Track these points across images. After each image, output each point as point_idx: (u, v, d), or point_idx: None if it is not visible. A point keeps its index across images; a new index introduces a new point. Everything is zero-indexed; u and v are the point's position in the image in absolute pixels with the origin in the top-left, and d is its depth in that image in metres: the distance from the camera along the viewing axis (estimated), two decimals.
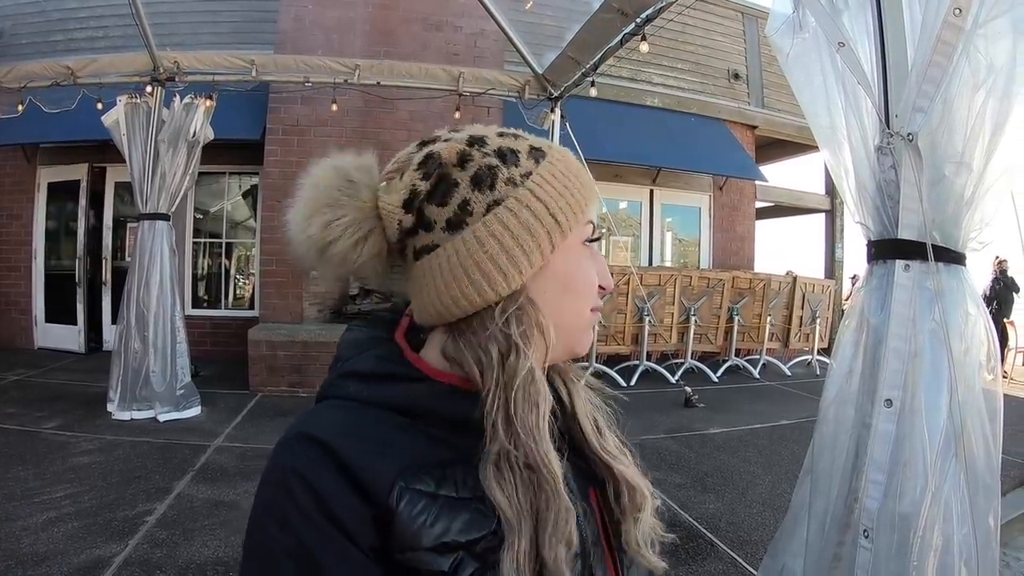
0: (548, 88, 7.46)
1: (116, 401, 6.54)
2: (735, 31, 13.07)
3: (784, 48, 2.56)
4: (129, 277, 6.77)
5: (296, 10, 9.55)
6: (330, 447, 0.71)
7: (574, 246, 0.84)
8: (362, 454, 0.72)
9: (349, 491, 0.69)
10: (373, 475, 0.71)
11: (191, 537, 3.94)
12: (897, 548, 2.04)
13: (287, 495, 0.69)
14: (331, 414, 0.80)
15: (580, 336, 0.87)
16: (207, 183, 10.60)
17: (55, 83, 6.94)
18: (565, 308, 0.83)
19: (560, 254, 0.82)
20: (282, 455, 0.73)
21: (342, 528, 0.68)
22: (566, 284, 0.83)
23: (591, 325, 0.88)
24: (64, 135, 9.21)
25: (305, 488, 0.69)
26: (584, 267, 0.85)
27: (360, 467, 0.71)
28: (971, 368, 2.08)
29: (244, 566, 0.72)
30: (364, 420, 0.77)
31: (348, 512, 0.69)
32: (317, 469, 0.70)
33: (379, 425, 0.76)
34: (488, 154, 0.81)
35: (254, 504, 0.73)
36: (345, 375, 0.84)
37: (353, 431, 0.75)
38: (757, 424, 7.21)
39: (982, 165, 2.03)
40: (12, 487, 4.54)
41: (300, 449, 0.73)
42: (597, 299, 0.88)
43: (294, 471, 0.71)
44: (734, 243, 12.89)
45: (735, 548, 4.07)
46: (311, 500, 0.68)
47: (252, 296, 10.90)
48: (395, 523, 0.70)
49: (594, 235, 0.87)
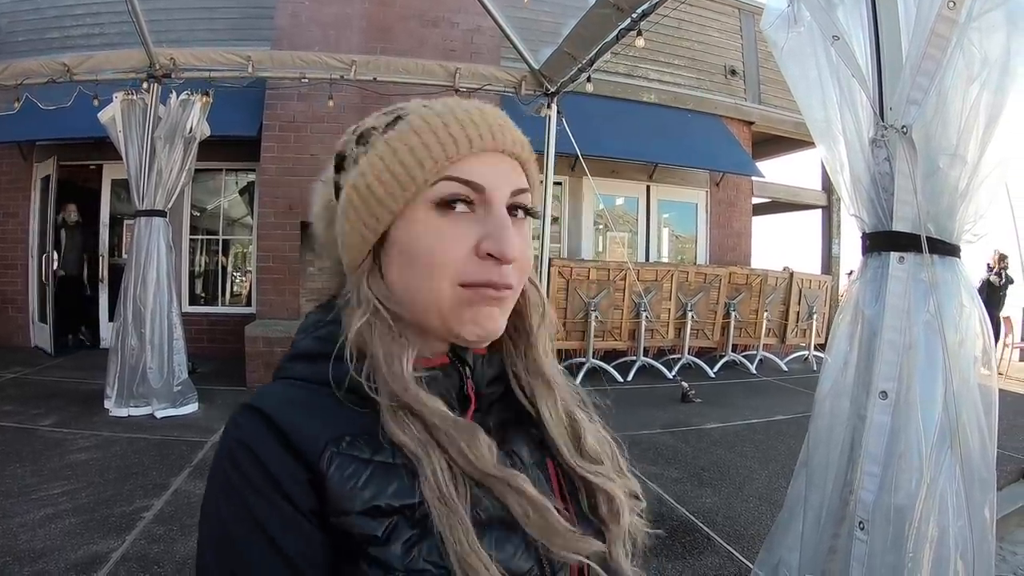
0: (544, 84, 7.45)
1: (113, 398, 6.53)
2: (731, 27, 13.09)
3: (779, 42, 2.57)
4: (126, 274, 6.77)
5: (293, 6, 9.54)
6: (268, 416, 0.73)
7: (419, 213, 0.78)
8: (296, 420, 0.73)
9: (285, 455, 0.71)
10: (305, 439, 0.72)
11: (188, 533, 3.94)
12: (892, 540, 2.06)
13: (232, 465, 0.72)
14: (274, 389, 0.81)
15: (452, 316, 0.77)
16: (204, 180, 10.61)
17: (51, 80, 6.92)
18: (412, 284, 0.78)
19: (401, 223, 0.78)
20: (228, 429, 0.75)
21: (282, 492, 0.69)
22: (407, 257, 0.78)
23: (468, 302, 0.77)
24: (60, 132, 9.19)
25: (248, 454, 0.71)
26: (426, 237, 0.76)
27: (294, 432, 0.72)
28: (966, 360, 2.10)
29: (200, 535, 0.74)
30: (303, 393, 0.78)
31: (287, 475, 0.70)
32: (258, 436, 0.72)
33: (318, 397, 0.77)
34: (373, 126, 0.84)
35: (209, 479, 0.75)
36: (292, 357, 0.86)
37: (291, 402, 0.77)
38: (754, 419, 7.22)
39: (976, 157, 2.03)
40: (9, 484, 4.53)
41: (243, 420, 0.75)
42: (473, 271, 0.76)
43: (239, 441, 0.73)
44: (731, 239, 12.92)
45: (731, 542, 4.07)
46: (254, 466, 0.70)
47: (249, 293, 10.91)
48: (326, 486, 0.70)
49: (456, 193, 0.77)
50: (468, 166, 0.78)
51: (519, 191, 0.81)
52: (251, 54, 7.23)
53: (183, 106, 6.83)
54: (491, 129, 0.80)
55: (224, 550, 0.70)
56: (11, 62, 7.16)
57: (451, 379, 0.82)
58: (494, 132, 0.80)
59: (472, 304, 0.77)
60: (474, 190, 0.77)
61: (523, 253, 0.79)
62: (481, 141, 0.78)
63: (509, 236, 0.76)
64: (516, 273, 0.79)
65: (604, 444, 0.92)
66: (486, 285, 0.76)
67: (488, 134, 0.79)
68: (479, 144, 0.78)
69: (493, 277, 0.76)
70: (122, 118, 6.71)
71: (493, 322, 0.78)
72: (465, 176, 0.77)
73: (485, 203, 0.78)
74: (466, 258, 0.76)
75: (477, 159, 0.78)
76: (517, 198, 0.80)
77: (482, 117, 0.81)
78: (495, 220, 0.77)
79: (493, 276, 0.76)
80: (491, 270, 0.76)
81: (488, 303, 0.77)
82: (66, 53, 7.51)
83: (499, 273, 0.76)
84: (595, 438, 0.90)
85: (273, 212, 9.37)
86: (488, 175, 0.78)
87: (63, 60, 6.93)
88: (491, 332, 0.79)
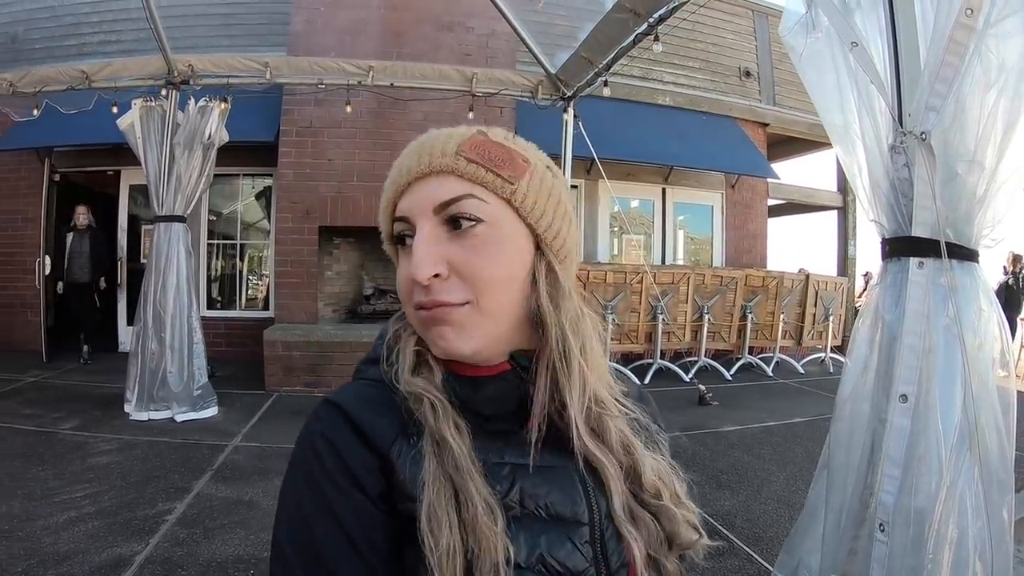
0: (561, 88, 7.48)
1: (133, 402, 6.60)
2: (746, 29, 13.06)
3: (797, 48, 2.58)
4: (146, 279, 6.83)
5: (308, 12, 9.59)
6: (343, 408, 0.81)
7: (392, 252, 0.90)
8: (368, 414, 0.81)
9: (360, 445, 0.78)
10: (377, 432, 0.80)
11: (211, 536, 3.98)
12: (912, 542, 2.06)
13: (314, 454, 0.78)
14: (349, 387, 0.88)
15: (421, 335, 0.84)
16: (220, 184, 10.61)
17: (70, 87, 7.00)
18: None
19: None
20: (310, 422, 0.82)
21: (356, 480, 0.77)
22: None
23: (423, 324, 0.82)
24: (78, 138, 9.28)
25: (327, 446, 0.78)
26: (398, 272, 0.86)
27: (366, 425, 0.80)
28: (984, 364, 2.10)
29: (278, 513, 0.80)
30: (373, 391, 0.85)
31: (360, 464, 0.77)
32: (336, 428, 0.80)
33: (387, 396, 0.83)
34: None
35: (289, 466, 0.81)
36: (366, 360, 0.93)
37: (364, 399, 0.84)
38: (771, 422, 7.21)
39: (994, 163, 2.04)
40: (32, 487, 4.59)
41: (323, 414, 0.82)
42: (416, 295, 0.80)
43: (320, 433, 0.80)
44: (747, 241, 12.88)
45: (751, 544, 4.08)
46: (332, 456, 0.77)
47: (265, 297, 10.97)
48: (395, 474, 0.78)
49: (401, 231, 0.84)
50: (401, 203, 0.84)
51: (444, 204, 0.80)
52: (269, 60, 7.30)
53: (201, 112, 6.90)
54: (408, 160, 0.85)
55: (298, 530, 0.76)
56: (30, 69, 7.27)
57: (509, 384, 0.85)
58: (409, 162, 0.84)
59: (426, 325, 0.82)
60: (406, 223, 0.83)
61: (463, 266, 0.80)
62: (401, 178, 0.85)
63: (415, 259, 0.78)
64: (454, 288, 0.80)
65: (663, 472, 0.91)
66: (418, 306, 0.81)
67: (405, 167, 0.84)
68: (401, 182, 0.85)
69: (420, 297, 0.80)
70: (141, 125, 6.79)
71: (443, 341, 0.81)
72: (398, 214, 0.84)
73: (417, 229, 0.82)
74: (411, 285, 0.80)
75: (407, 194, 0.84)
76: (446, 211, 0.81)
77: (408, 151, 0.87)
78: (413, 248, 0.81)
79: (420, 296, 0.80)
80: (419, 292, 0.80)
81: (435, 323, 0.80)
82: (84, 60, 7.61)
83: (424, 292, 0.79)
84: (653, 468, 0.90)
85: (291, 217, 9.42)
86: (410, 202, 0.83)
87: (81, 67, 7.03)
88: (446, 350, 0.81)
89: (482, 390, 0.84)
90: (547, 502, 0.80)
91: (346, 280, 10.35)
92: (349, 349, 8.19)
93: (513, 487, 0.79)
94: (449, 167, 0.82)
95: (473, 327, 0.81)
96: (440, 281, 0.78)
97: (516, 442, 0.83)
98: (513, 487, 0.79)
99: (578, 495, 0.83)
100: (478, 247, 0.80)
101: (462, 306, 0.79)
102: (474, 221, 0.80)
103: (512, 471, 0.81)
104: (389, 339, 0.88)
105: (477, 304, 0.80)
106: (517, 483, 0.80)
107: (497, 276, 0.81)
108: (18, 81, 7.04)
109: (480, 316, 0.81)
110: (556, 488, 0.82)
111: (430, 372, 0.83)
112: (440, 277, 0.78)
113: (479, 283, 0.80)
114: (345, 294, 10.30)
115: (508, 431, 0.84)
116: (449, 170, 0.82)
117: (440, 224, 0.81)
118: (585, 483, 0.84)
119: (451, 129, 0.88)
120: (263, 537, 3.97)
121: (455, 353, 0.81)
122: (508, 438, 0.83)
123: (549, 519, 0.80)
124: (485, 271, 0.80)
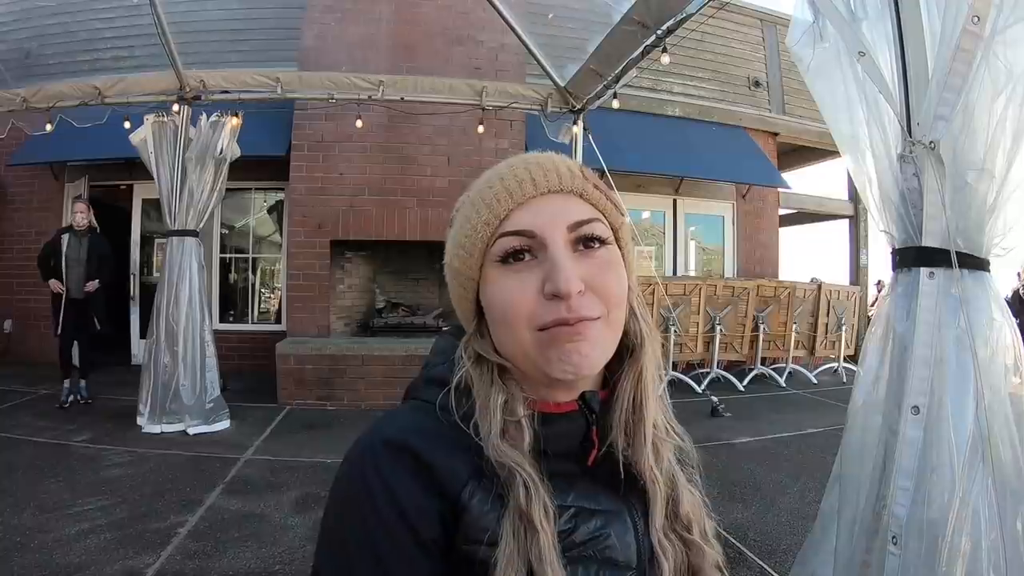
0: (570, 101, 7.48)
1: (146, 415, 6.62)
2: (754, 38, 13.06)
3: (805, 58, 2.58)
4: (159, 293, 6.87)
5: (319, 27, 9.65)
6: (408, 446, 0.78)
7: (489, 272, 0.84)
8: (438, 454, 0.78)
9: (421, 490, 0.76)
10: (449, 473, 0.77)
11: (223, 549, 3.99)
12: (925, 554, 2.05)
13: (367, 494, 0.76)
14: (413, 416, 0.86)
15: (541, 359, 0.79)
16: (233, 199, 10.69)
17: (83, 103, 7.07)
18: (502, 338, 0.83)
19: (482, 286, 0.85)
20: (366, 458, 0.79)
21: (410, 525, 0.75)
22: (492, 314, 0.83)
23: (549, 343, 0.78)
24: (92, 153, 9.37)
25: (383, 488, 0.76)
26: (499, 292, 0.82)
27: (436, 466, 0.77)
28: (997, 374, 2.09)
29: (320, 541, 0.80)
30: (432, 422, 0.82)
31: (417, 510, 0.75)
32: (394, 465, 0.77)
33: (454, 429, 0.81)
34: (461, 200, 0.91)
35: (335, 494, 0.81)
36: (429, 380, 0.90)
37: (427, 433, 0.81)
38: (784, 433, 7.16)
39: (1004, 171, 2.03)
40: (44, 499, 4.61)
41: (383, 452, 0.79)
42: (544, 314, 0.78)
43: (374, 467, 0.78)
44: (758, 251, 12.84)
45: (764, 557, 4.05)
46: (387, 502, 0.75)
47: (278, 310, 11.01)
48: (464, 517, 0.76)
49: (520, 245, 0.81)
50: (518, 217, 0.82)
51: (578, 223, 0.82)
52: (280, 75, 7.34)
53: (213, 127, 6.95)
54: (531, 175, 0.83)
55: (339, 566, 0.77)
56: (43, 85, 7.34)
57: (575, 424, 0.85)
58: (535, 176, 0.83)
59: (553, 343, 0.78)
60: (528, 238, 0.81)
61: (597, 282, 0.80)
62: (521, 191, 0.82)
63: (562, 272, 0.77)
64: (593, 303, 0.79)
65: (696, 508, 0.94)
66: (557, 323, 0.77)
67: (528, 181, 0.83)
68: (519, 194, 0.82)
69: (562, 314, 0.77)
70: (153, 140, 6.86)
71: (578, 355, 0.78)
72: (514, 228, 0.81)
73: (542, 247, 0.80)
74: (536, 303, 0.78)
75: (527, 208, 0.82)
76: (579, 231, 0.82)
77: (524, 166, 0.85)
78: (550, 260, 0.79)
79: (562, 313, 0.77)
80: (558, 308, 0.77)
81: (568, 338, 0.78)
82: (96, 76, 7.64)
83: (567, 308, 0.77)
84: (690, 502, 0.93)
85: (303, 231, 9.45)
86: (537, 219, 0.81)
87: (94, 83, 7.10)
88: (578, 366, 0.79)
89: (552, 427, 0.83)
90: (605, 546, 0.82)
91: (358, 294, 10.38)
92: (361, 363, 8.21)
93: (576, 531, 0.80)
94: (579, 189, 0.84)
95: (604, 341, 0.81)
96: (580, 297, 0.78)
97: (582, 486, 0.84)
98: (576, 531, 0.80)
99: (631, 539, 0.85)
100: (603, 267, 0.82)
101: (596, 320, 0.79)
102: (600, 243, 0.83)
103: (576, 514, 0.81)
104: (464, 379, 0.84)
105: (607, 318, 0.81)
106: (580, 527, 0.81)
107: (622, 294, 0.84)
108: (31, 97, 7.12)
109: (608, 330, 0.82)
110: (614, 533, 0.83)
111: (518, 431, 0.80)
112: (581, 293, 0.78)
113: (611, 298, 0.81)
114: (357, 308, 10.32)
115: (572, 472, 0.84)
116: (578, 192, 0.84)
117: (569, 243, 0.81)
118: (637, 528, 0.87)
119: (538, 154, 0.89)
120: (274, 551, 3.98)
121: (587, 368, 0.80)
122: (573, 480, 0.84)
123: (603, 562, 0.81)
124: (614, 287, 0.82)
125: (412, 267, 10.46)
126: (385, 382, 8.05)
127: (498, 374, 0.83)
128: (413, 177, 9.55)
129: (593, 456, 0.85)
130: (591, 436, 0.85)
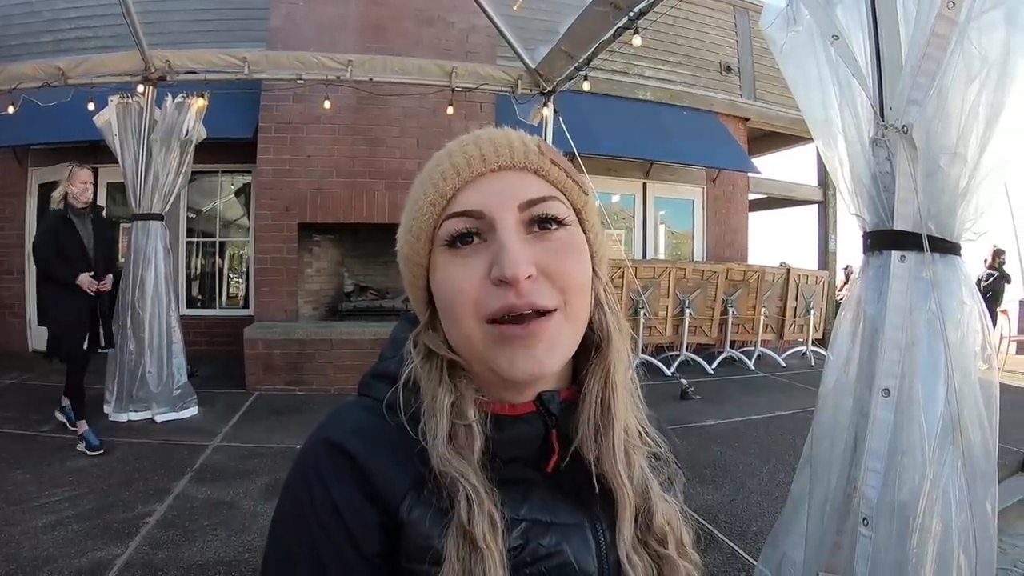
0: (541, 82, 7.46)
1: (112, 403, 6.52)
2: (726, 24, 13.11)
3: (778, 42, 2.57)
4: (124, 278, 6.73)
5: (287, 7, 9.50)
6: (349, 452, 0.73)
7: (436, 258, 0.77)
8: (377, 460, 0.73)
9: (362, 499, 0.72)
10: (387, 485, 0.72)
11: (192, 538, 3.94)
12: (896, 535, 2.07)
13: (309, 498, 0.73)
14: (357, 414, 0.80)
15: (491, 358, 0.73)
16: (199, 182, 10.57)
17: (46, 84, 6.90)
18: (451, 331, 0.76)
19: (431, 274, 0.78)
20: (308, 457, 0.76)
21: (350, 535, 0.71)
22: (440, 305, 0.77)
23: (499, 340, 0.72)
24: (55, 136, 9.18)
25: (323, 493, 0.72)
26: (445, 280, 0.75)
27: (376, 475, 0.72)
28: (967, 357, 2.11)
29: (268, 541, 0.77)
30: (380, 422, 0.77)
31: (357, 520, 0.71)
32: (334, 472, 0.73)
33: (400, 432, 0.75)
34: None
35: (280, 501, 0.77)
36: (376, 375, 0.85)
37: (370, 436, 0.76)
38: (753, 415, 7.24)
39: (976, 156, 2.04)
40: (10, 491, 4.53)
41: (322, 449, 0.75)
42: (490, 301, 0.71)
43: (316, 474, 0.74)
44: (727, 235, 12.95)
45: (734, 538, 4.08)
46: (326, 506, 0.71)
47: (246, 295, 10.89)
48: (405, 531, 0.71)
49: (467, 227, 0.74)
50: (465, 197, 0.75)
51: (531, 202, 0.74)
52: (247, 55, 7.24)
53: (179, 109, 6.82)
54: (481, 151, 0.76)
55: (283, 568, 0.74)
56: (5, 66, 7.14)
57: (532, 428, 0.78)
58: (484, 152, 0.76)
59: (504, 341, 0.71)
60: (475, 219, 0.74)
61: (552, 267, 0.73)
62: (469, 168, 0.76)
63: (508, 253, 0.70)
64: (546, 291, 0.72)
65: (673, 518, 0.85)
66: (505, 311, 0.70)
67: (477, 157, 0.76)
68: (467, 172, 0.76)
69: (510, 300, 0.70)
70: (117, 121, 6.71)
71: (534, 362, 0.71)
72: (461, 208, 0.75)
73: (491, 229, 0.73)
74: (481, 289, 0.71)
75: (475, 186, 0.76)
76: (532, 210, 0.74)
77: (475, 142, 0.78)
78: (497, 241, 0.72)
79: (510, 299, 0.70)
80: (507, 295, 0.70)
81: (521, 343, 0.71)
82: (60, 56, 7.49)
83: (516, 294, 0.70)
84: (664, 513, 0.84)
85: (270, 214, 9.34)
86: (483, 196, 0.75)
87: (57, 64, 6.92)
88: (529, 373, 0.72)
89: (505, 432, 0.77)
90: (560, 562, 0.75)
91: (326, 277, 10.30)
92: (329, 347, 8.16)
93: (527, 547, 0.74)
94: (534, 165, 0.77)
95: (563, 338, 0.74)
96: (531, 283, 0.70)
97: (540, 496, 0.78)
98: (527, 547, 0.74)
99: (591, 556, 0.78)
100: (561, 250, 0.75)
101: (552, 313, 0.72)
102: (557, 224, 0.76)
103: (528, 529, 0.75)
104: (412, 375, 0.77)
105: (565, 310, 0.73)
106: (531, 543, 0.74)
107: (583, 281, 0.76)
108: None
109: (568, 323, 0.74)
110: (570, 549, 0.76)
111: (468, 436, 0.73)
112: (531, 278, 0.70)
113: (570, 286, 0.74)
114: (326, 291, 10.24)
115: (531, 480, 0.79)
116: (533, 168, 0.77)
117: (522, 223, 0.74)
118: (600, 544, 0.80)
119: (493, 129, 0.81)
120: (244, 539, 3.94)
121: (541, 373, 0.72)
122: (530, 489, 0.78)
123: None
124: (573, 273, 0.75)
125: (380, 250, 10.31)
126: (354, 366, 7.95)
127: (448, 372, 0.77)
128: (382, 159, 9.45)
129: (553, 463, 0.79)
130: (550, 440, 0.79)
